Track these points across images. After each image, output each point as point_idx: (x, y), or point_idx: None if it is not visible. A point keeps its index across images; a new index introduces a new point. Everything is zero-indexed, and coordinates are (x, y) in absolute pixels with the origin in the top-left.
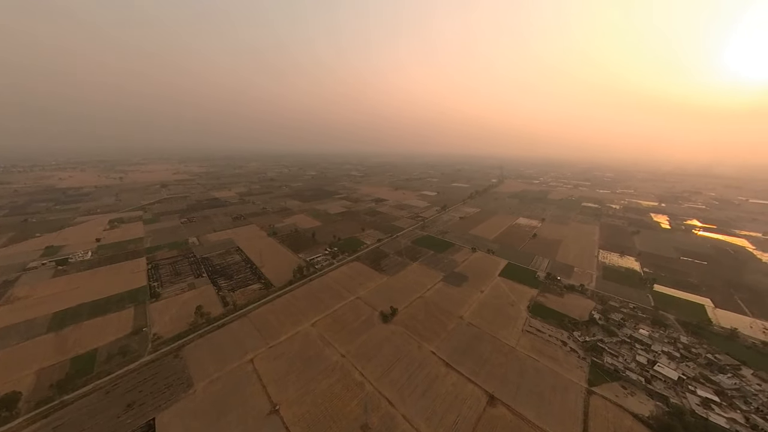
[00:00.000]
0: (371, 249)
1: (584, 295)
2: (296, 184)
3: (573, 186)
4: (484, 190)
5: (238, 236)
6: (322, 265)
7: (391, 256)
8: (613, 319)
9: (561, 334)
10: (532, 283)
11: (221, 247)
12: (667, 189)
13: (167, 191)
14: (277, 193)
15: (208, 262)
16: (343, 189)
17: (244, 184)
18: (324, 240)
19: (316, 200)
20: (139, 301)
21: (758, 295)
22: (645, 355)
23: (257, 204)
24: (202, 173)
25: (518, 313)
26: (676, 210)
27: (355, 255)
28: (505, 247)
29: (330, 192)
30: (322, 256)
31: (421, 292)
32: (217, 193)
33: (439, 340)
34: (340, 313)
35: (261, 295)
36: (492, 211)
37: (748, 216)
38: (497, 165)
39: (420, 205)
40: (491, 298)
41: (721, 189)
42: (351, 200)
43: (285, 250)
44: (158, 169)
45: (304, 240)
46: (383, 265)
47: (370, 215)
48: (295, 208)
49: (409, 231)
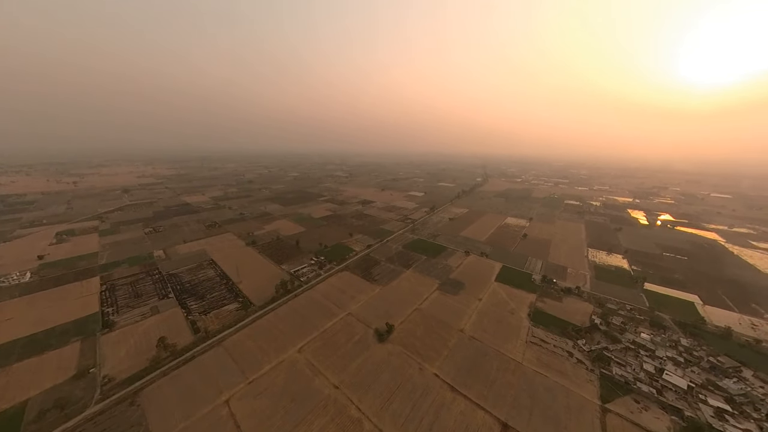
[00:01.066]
0: (361, 256)
1: (581, 298)
2: (277, 187)
3: (553, 184)
4: (470, 190)
5: (212, 247)
6: (308, 278)
7: (382, 264)
8: (614, 323)
9: (566, 344)
10: (529, 287)
11: (192, 261)
12: (637, 185)
13: (130, 197)
14: (257, 197)
15: (176, 280)
16: (327, 191)
17: (219, 188)
18: (309, 248)
19: (298, 203)
20: (88, 333)
21: (739, 290)
22: (651, 362)
23: (234, 209)
24: (172, 176)
25: (520, 322)
26: (649, 205)
27: (343, 264)
28: (497, 249)
29: (314, 194)
30: (307, 266)
31: (417, 303)
32: (189, 197)
33: (441, 359)
34: (331, 334)
35: (239, 317)
36: (480, 211)
37: (712, 210)
38: (480, 164)
39: (408, 206)
40: (490, 307)
41: (684, 184)
42: (336, 203)
43: (266, 261)
44: (120, 172)
45: (287, 249)
46: (375, 274)
47: (357, 219)
48: (277, 213)
49: (400, 235)
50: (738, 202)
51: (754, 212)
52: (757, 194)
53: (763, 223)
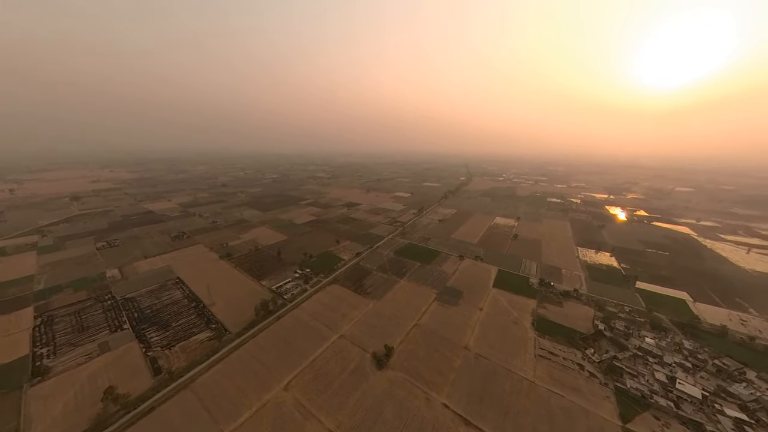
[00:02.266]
0: (350, 266)
1: (581, 301)
2: (254, 190)
3: (534, 182)
4: (456, 189)
5: (180, 262)
6: (292, 294)
7: (374, 273)
8: (617, 328)
9: (574, 355)
10: (527, 292)
11: (154, 281)
12: (610, 181)
13: (80, 205)
14: (231, 202)
15: (134, 306)
16: (309, 193)
17: (188, 192)
18: (293, 259)
19: (279, 208)
20: (13, 386)
21: (721, 285)
22: (661, 370)
23: (205, 217)
24: (133, 180)
25: (525, 332)
26: (624, 201)
27: (332, 276)
28: (491, 251)
29: (295, 197)
30: (291, 281)
31: (415, 317)
32: (152, 204)
33: (448, 385)
34: (322, 363)
35: (211, 348)
36: (468, 211)
37: (680, 204)
38: (462, 163)
39: (396, 208)
40: (493, 317)
41: (651, 179)
42: (320, 206)
43: (243, 277)
44: (70, 176)
45: (267, 261)
46: (367, 286)
47: (343, 223)
48: (255, 220)
49: (390, 240)
50: (700, 196)
51: (715, 205)
52: (714, 187)
53: (725, 215)
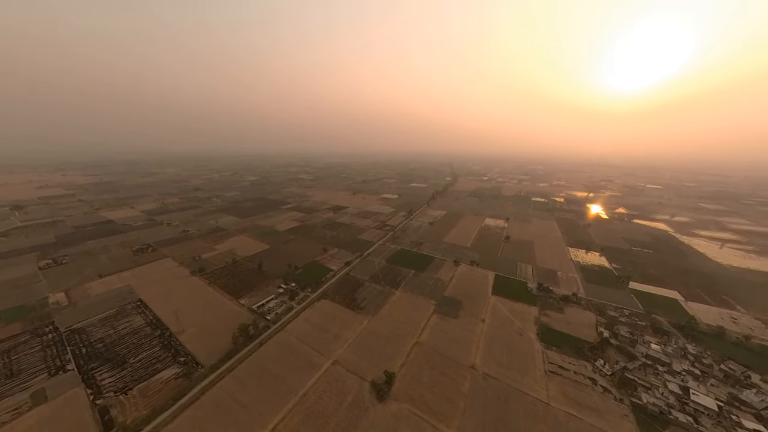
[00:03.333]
0: (340, 277)
1: (581, 306)
2: (231, 194)
3: (517, 181)
4: (443, 190)
5: (143, 281)
6: (276, 314)
7: (366, 285)
8: (622, 335)
9: (585, 368)
10: (527, 298)
11: (110, 305)
12: (587, 179)
13: (22, 216)
14: (206, 208)
15: (82, 339)
16: (292, 196)
17: (155, 198)
18: (276, 271)
19: (259, 214)
20: None
21: (706, 281)
22: (673, 380)
23: (175, 225)
24: (90, 185)
25: (531, 345)
26: (603, 199)
27: (320, 289)
28: (485, 255)
29: (276, 201)
30: (275, 298)
31: (415, 334)
32: (112, 212)
33: (459, 414)
34: (314, 399)
35: (179, 389)
36: (458, 213)
37: (653, 201)
38: (446, 162)
39: (384, 210)
40: (496, 329)
41: (622, 177)
42: (304, 210)
43: (219, 295)
44: (13, 181)
45: (247, 275)
46: (360, 300)
47: (330, 229)
48: (232, 227)
49: (381, 246)
50: (669, 192)
51: (683, 201)
52: (679, 184)
53: (695, 211)
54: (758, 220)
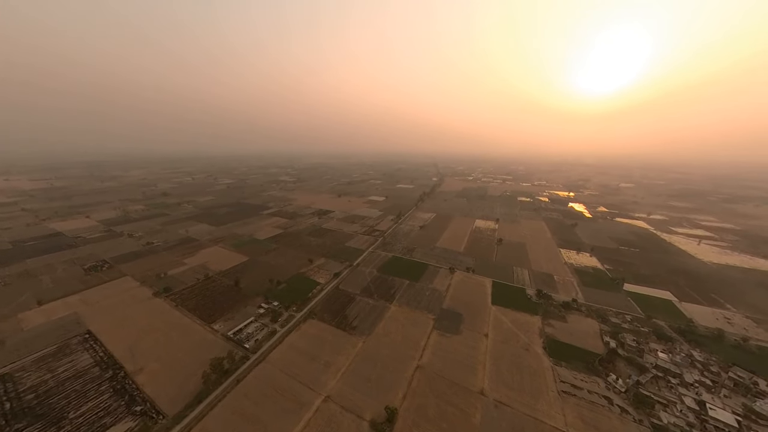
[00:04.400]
0: (329, 292)
1: (582, 313)
2: (204, 199)
3: (501, 180)
4: (430, 191)
5: (93, 307)
6: (256, 341)
7: (358, 299)
8: (629, 344)
9: (598, 385)
10: (528, 307)
11: (49, 340)
12: (565, 178)
13: None
14: (175, 215)
15: (7, 390)
16: (273, 200)
17: (115, 205)
18: (255, 288)
19: (236, 221)
20: None
21: (694, 280)
22: (688, 393)
23: (137, 237)
24: (38, 191)
25: (540, 362)
26: (584, 198)
27: (307, 307)
28: (479, 260)
29: (255, 206)
30: (255, 320)
31: (416, 356)
32: (62, 223)
33: None
34: None
35: None
36: (447, 215)
37: (629, 199)
38: (431, 162)
39: (372, 214)
40: (501, 344)
41: (597, 176)
42: (286, 216)
43: (187, 321)
44: None
45: (221, 294)
46: (352, 318)
47: (315, 236)
48: (204, 237)
49: (371, 253)
50: (641, 191)
51: (655, 199)
52: (648, 182)
53: (667, 208)
54: (724, 217)
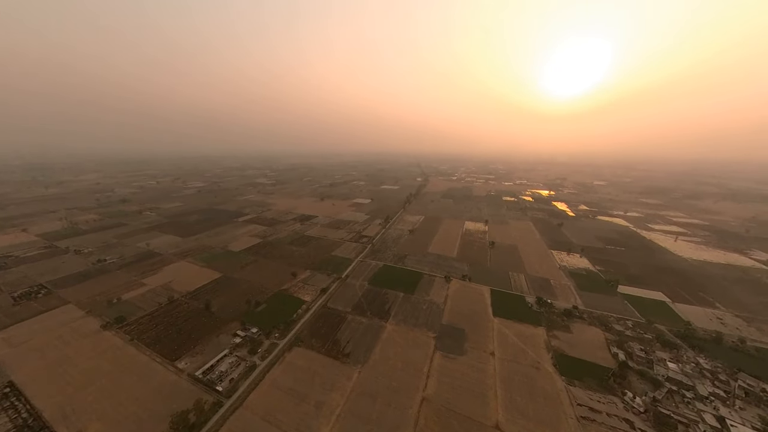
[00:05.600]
0: (316, 311)
1: (584, 321)
2: (171, 206)
3: (485, 180)
4: (416, 192)
5: (19, 349)
6: (232, 380)
7: (349, 319)
8: (637, 354)
9: (615, 406)
10: (531, 317)
11: None
12: (544, 177)
13: None
14: (134, 226)
15: None
16: (249, 205)
17: (60, 215)
18: (230, 311)
19: (207, 230)
20: None
21: (681, 279)
22: (705, 408)
23: (86, 253)
24: None
25: (552, 382)
26: (565, 196)
27: (292, 332)
28: (474, 266)
29: (230, 213)
30: (230, 354)
31: (419, 386)
32: None
33: None
34: None
35: None
36: (436, 217)
37: (605, 197)
38: (414, 162)
39: (358, 218)
40: (510, 364)
41: (573, 174)
42: (265, 223)
43: (145, 360)
44: None
45: (188, 321)
46: (344, 342)
47: (298, 245)
48: (169, 251)
49: (360, 263)
50: (614, 188)
51: (627, 196)
52: (618, 180)
53: (640, 205)
54: (691, 212)
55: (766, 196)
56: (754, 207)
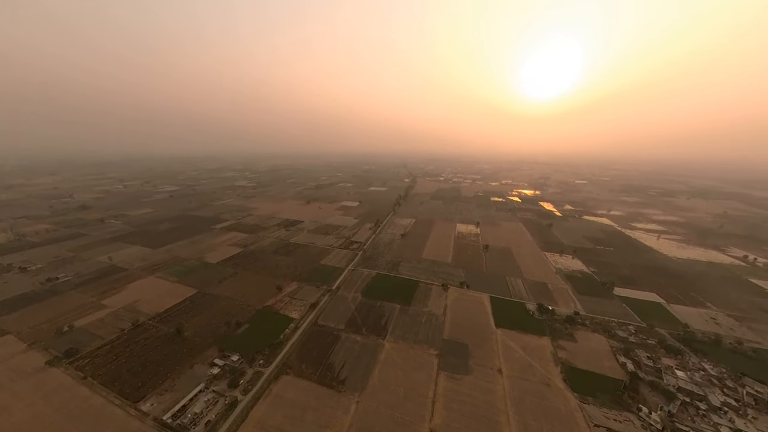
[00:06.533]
0: (305, 330)
1: (587, 328)
2: (139, 212)
3: (471, 181)
4: (405, 194)
5: None
6: (209, 422)
7: (343, 338)
8: (645, 363)
9: (633, 424)
10: (533, 326)
11: None
12: (527, 177)
13: None
14: (95, 236)
15: None
16: (228, 210)
17: (4, 226)
18: (206, 335)
19: (180, 239)
20: None
21: (671, 279)
22: (720, 420)
23: (33, 271)
24: None
25: (565, 400)
26: (550, 196)
27: (278, 357)
28: (470, 271)
29: (206, 219)
30: (205, 389)
31: (425, 415)
32: None
33: None
34: None
35: None
36: (427, 219)
37: (588, 196)
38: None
39: (347, 222)
40: (519, 382)
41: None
42: (246, 230)
43: (99, 402)
44: None
45: (155, 351)
46: (338, 367)
47: (283, 254)
48: (136, 265)
49: (352, 272)
50: (594, 187)
51: (608, 195)
52: (597, 179)
53: (621, 204)
54: (667, 210)
55: (730, 194)
56: (722, 204)
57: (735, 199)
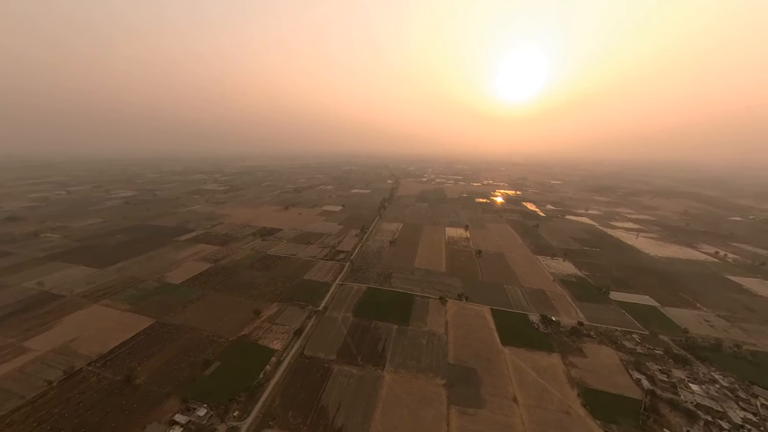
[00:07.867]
0: (290, 365)
1: (594, 340)
2: (85, 223)
3: (454, 182)
4: (390, 196)
5: None
6: None
7: (335, 372)
8: (660, 379)
9: None
10: (540, 342)
11: None
12: (507, 177)
13: None
14: (23, 254)
15: None
16: (195, 218)
17: None
18: (164, 381)
19: (135, 255)
20: None
21: (659, 279)
22: None
23: None
24: None
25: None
26: (530, 196)
27: (258, 404)
28: (467, 280)
29: (169, 230)
30: None
31: None
32: None
33: None
34: None
35: None
36: (415, 224)
37: (565, 195)
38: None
39: (331, 230)
40: (536, 411)
41: (531, 174)
42: (216, 241)
43: None
44: None
45: (95, 407)
46: (331, 410)
47: (261, 269)
48: (75, 290)
49: (340, 287)
50: (568, 187)
51: (582, 194)
52: (569, 179)
53: (596, 203)
54: (637, 209)
55: (686, 193)
56: (681, 202)
57: (690, 198)
